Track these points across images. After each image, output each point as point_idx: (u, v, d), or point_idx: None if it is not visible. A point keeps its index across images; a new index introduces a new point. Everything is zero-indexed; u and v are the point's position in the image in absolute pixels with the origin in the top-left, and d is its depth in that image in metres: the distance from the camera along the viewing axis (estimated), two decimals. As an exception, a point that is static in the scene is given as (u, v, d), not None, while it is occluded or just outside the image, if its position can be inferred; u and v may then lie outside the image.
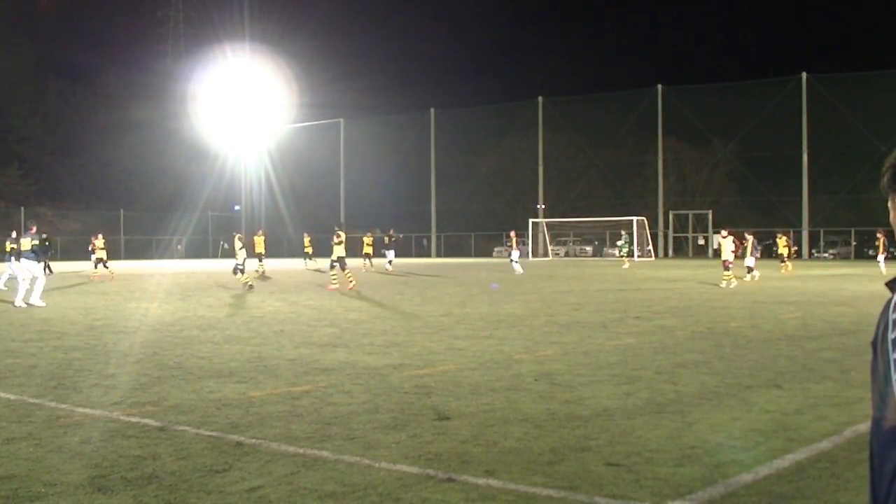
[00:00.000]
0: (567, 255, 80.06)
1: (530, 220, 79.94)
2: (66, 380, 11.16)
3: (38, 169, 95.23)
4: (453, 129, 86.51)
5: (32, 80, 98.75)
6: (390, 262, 47.24)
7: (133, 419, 8.69)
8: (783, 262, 43.52)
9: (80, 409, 9.18)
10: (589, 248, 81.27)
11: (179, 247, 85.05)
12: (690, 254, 78.23)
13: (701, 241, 78.93)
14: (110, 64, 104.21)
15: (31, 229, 25.69)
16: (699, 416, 8.79)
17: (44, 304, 23.43)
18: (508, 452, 7.35)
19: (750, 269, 36.82)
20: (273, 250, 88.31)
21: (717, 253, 38.70)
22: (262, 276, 39.75)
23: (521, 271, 43.03)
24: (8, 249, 30.56)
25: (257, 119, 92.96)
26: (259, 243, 46.21)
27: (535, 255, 77.42)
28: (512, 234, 46.67)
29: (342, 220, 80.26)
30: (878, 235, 46.16)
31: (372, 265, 47.16)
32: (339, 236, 30.37)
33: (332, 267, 30.15)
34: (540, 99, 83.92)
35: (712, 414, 8.89)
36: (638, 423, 8.41)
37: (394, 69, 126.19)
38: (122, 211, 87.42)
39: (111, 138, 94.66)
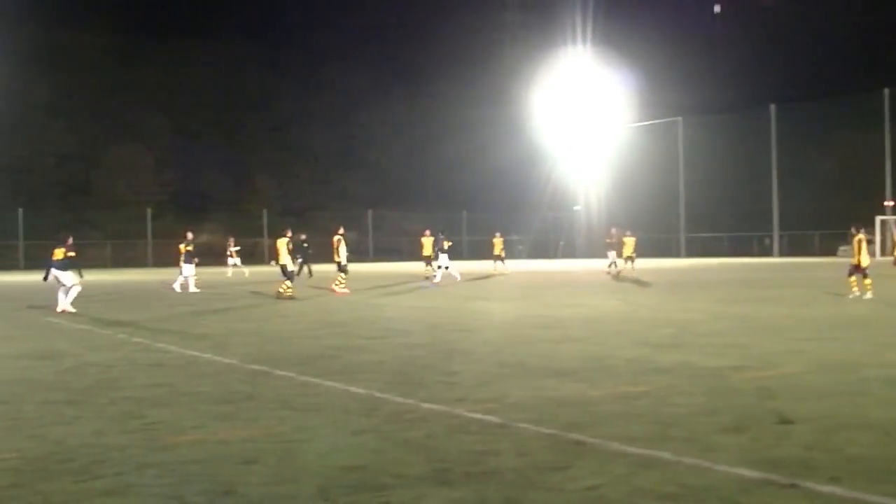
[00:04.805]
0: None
1: (877, 218, 75.12)
2: (411, 376, 11.59)
3: (382, 174, 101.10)
4: (793, 124, 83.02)
5: (378, 88, 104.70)
6: (235, 264, 44.45)
7: (475, 415, 8.88)
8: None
9: (425, 405, 9.50)
10: None
11: (521, 247, 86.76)
12: None
13: None
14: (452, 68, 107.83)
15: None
16: None
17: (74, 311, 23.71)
18: (854, 459, 6.94)
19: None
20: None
21: None
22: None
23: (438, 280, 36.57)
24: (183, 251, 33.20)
25: (596, 119, 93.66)
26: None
27: (883, 254, 72.77)
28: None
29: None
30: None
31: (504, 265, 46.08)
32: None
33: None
34: (885, 91, 78.70)
35: None
36: None
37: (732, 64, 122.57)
38: (464, 212, 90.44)
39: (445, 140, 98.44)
